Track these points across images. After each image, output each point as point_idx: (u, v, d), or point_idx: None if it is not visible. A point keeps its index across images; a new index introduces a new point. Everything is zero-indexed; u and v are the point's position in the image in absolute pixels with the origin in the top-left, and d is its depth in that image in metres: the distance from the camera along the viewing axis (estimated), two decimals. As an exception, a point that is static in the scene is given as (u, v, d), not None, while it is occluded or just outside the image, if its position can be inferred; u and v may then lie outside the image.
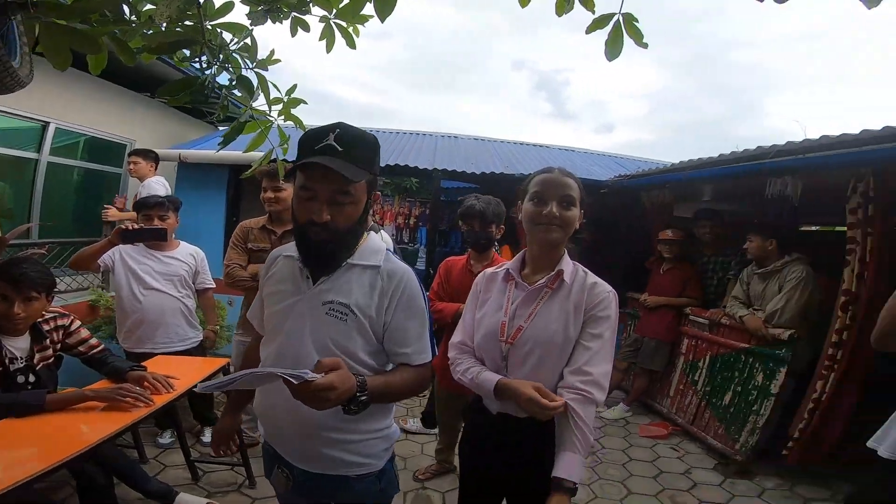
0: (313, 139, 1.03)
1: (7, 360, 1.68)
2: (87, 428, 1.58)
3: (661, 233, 3.70)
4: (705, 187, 3.75)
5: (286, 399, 0.88)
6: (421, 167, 4.67)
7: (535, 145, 7.21)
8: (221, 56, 1.42)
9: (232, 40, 1.44)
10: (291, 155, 1.21)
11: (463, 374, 1.30)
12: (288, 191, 2.41)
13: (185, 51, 1.45)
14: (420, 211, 5.43)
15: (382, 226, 5.03)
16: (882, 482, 1.39)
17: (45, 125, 3.95)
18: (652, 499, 2.65)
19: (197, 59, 1.40)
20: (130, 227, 2.23)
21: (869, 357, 2.46)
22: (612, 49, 1.25)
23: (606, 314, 1.20)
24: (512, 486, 1.31)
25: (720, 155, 3.34)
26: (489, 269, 1.41)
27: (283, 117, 1.60)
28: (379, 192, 1.19)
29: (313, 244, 1.05)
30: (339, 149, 0.99)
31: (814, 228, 4.78)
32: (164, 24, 1.23)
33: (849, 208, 2.50)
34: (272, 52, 1.54)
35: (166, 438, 2.79)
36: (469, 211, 2.41)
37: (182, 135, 5.50)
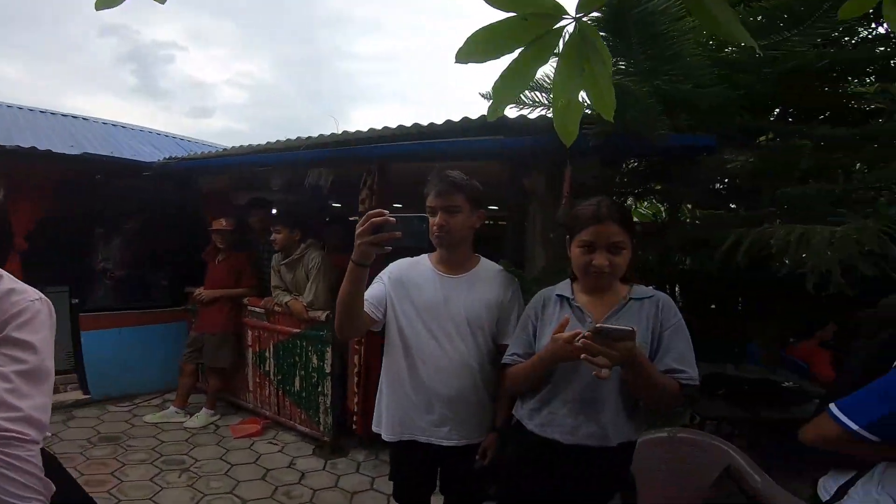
0: None
1: None
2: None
3: (216, 222, 3.41)
4: (270, 176, 3.69)
5: None
6: None
7: (64, 115, 5.45)
8: None
9: None
10: None
11: None
12: None
13: None
14: None
15: None
16: None
17: None
18: (269, 501, 2.47)
19: None
20: None
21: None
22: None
23: (26, 331, 0.87)
24: None
25: (267, 143, 3.34)
26: None
27: None
28: None
29: None
30: None
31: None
32: None
33: (360, 198, 2.90)
34: None
35: None
36: None
37: None
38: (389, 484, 1.80)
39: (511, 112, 2.30)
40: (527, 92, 2.19)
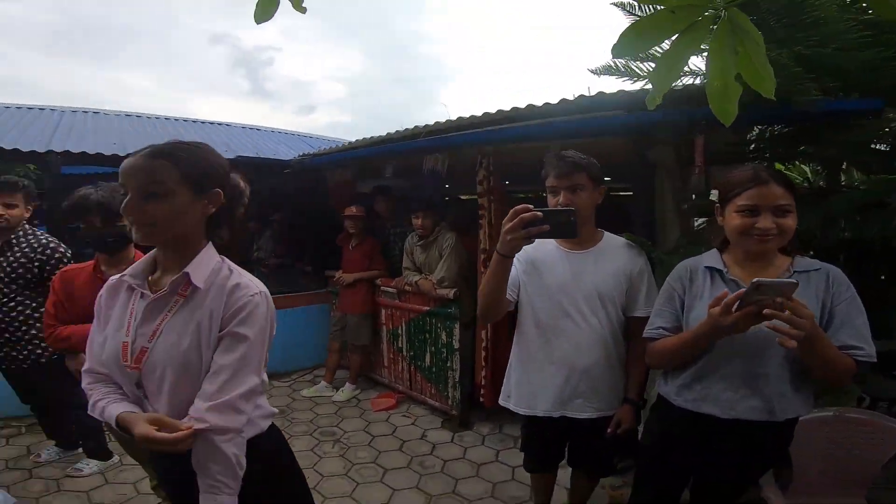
0: None
1: None
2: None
3: (347, 209, 3.74)
4: (386, 165, 3.96)
5: None
6: (24, 150, 3.34)
7: (212, 123, 6.33)
8: None
9: None
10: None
11: (93, 408, 1.07)
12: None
13: None
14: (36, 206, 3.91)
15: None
16: None
17: None
18: (406, 470, 2.70)
19: None
20: None
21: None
22: (263, 11, 1.02)
23: (246, 326, 0.99)
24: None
25: (388, 133, 3.55)
26: (113, 278, 1.12)
27: None
28: None
29: None
30: None
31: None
32: None
33: (477, 179, 2.97)
34: None
35: None
36: (83, 203, 1.80)
37: None
38: (513, 456, 1.90)
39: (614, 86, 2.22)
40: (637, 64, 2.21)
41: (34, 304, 2.35)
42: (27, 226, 2.39)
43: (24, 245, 2.33)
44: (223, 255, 1.09)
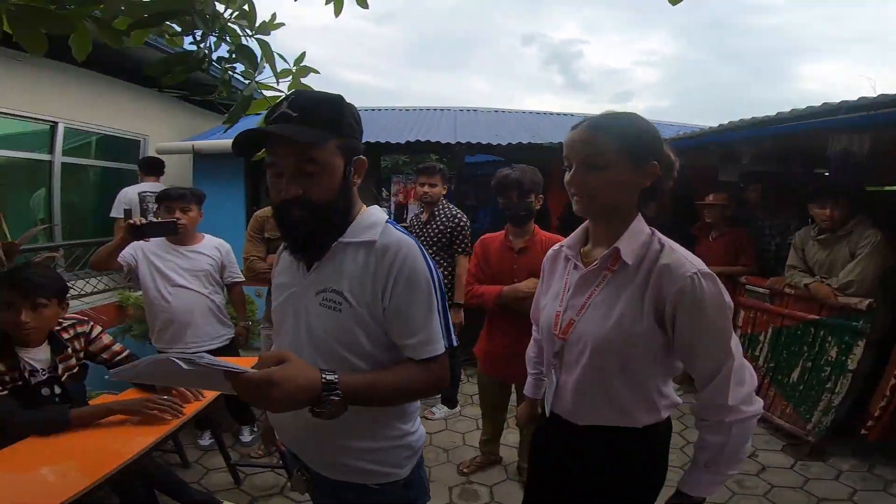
0: (269, 114, 0.93)
1: (27, 374, 1.56)
2: (124, 441, 1.48)
3: (707, 197, 3.45)
4: (744, 151, 3.45)
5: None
6: (443, 142, 4.44)
7: (559, 114, 6.91)
8: (216, 27, 1.27)
9: (226, 10, 1.29)
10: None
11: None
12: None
13: (176, 27, 1.31)
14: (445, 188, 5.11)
15: (406, 205, 4.85)
16: None
17: (54, 126, 3.83)
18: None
19: (190, 34, 1.27)
20: (139, 223, 2.06)
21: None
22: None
23: (697, 305, 0.90)
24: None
25: (778, 113, 3.05)
26: (554, 246, 1.21)
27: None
28: (364, 158, 1.00)
29: (290, 224, 0.93)
30: (294, 114, 0.88)
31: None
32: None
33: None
34: (274, 16, 1.37)
35: (206, 440, 2.71)
36: (504, 181, 2.22)
37: (196, 127, 5.35)
38: (875, 499, 1.41)
39: None
40: None
41: (444, 263, 3.05)
42: (444, 200, 3.12)
43: (442, 216, 3.07)
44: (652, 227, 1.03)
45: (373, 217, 0.99)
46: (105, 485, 1.30)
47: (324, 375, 0.79)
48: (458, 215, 3.06)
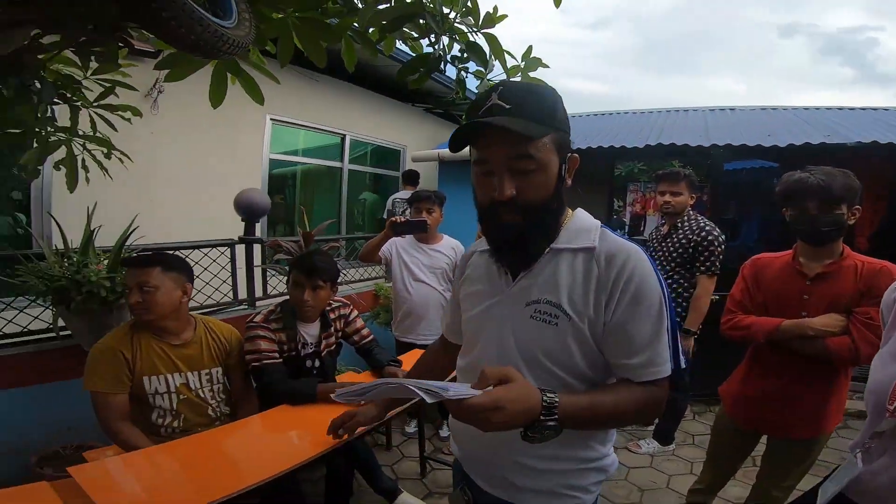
0: (476, 107, 0.83)
1: (300, 346, 1.89)
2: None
3: None
4: None
5: None
6: (692, 144, 3.84)
7: (854, 109, 5.25)
8: (445, 28, 1.32)
9: (450, 11, 1.31)
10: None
11: None
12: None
13: (412, 33, 1.41)
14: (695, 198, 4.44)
15: (644, 216, 4.40)
16: None
17: (343, 137, 4.82)
18: None
19: (426, 37, 1.35)
20: (399, 220, 2.35)
21: None
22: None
23: None
24: None
25: None
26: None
27: None
28: (577, 156, 0.88)
29: (499, 228, 0.84)
30: (506, 106, 0.78)
31: None
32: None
33: None
34: (496, 9, 1.32)
35: (412, 427, 2.92)
36: (799, 187, 1.70)
37: (442, 136, 6.02)
38: None
39: None
40: None
41: (684, 283, 2.60)
42: (691, 211, 2.64)
43: (686, 228, 2.60)
44: None
45: (585, 221, 0.89)
46: (322, 460, 1.44)
47: (545, 396, 0.70)
48: (707, 228, 2.58)
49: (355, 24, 1.29)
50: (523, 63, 1.44)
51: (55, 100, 1.31)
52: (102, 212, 2.05)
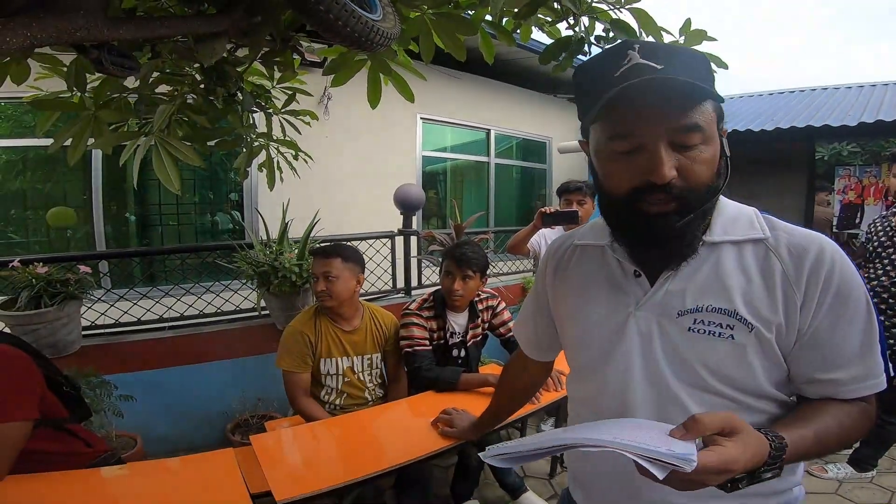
0: (602, 67, 0.64)
1: (448, 334, 1.95)
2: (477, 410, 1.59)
3: None
4: None
5: (616, 465, 0.61)
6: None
7: None
8: (582, 9, 1.22)
9: None
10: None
11: None
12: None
13: (548, 18, 1.33)
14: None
15: (861, 205, 3.58)
16: None
17: (488, 132, 4.88)
18: None
19: (564, 20, 1.26)
20: (549, 211, 2.29)
21: None
22: None
23: None
24: None
25: None
26: None
27: None
28: (726, 130, 0.64)
29: (650, 222, 0.64)
30: (658, 66, 0.60)
31: None
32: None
33: None
34: None
35: (548, 425, 2.80)
36: None
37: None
38: None
39: None
40: None
41: None
42: None
43: None
44: None
45: (736, 207, 0.72)
46: (461, 446, 1.47)
47: (773, 441, 0.56)
48: None
49: (489, 16, 1.28)
50: (682, 38, 1.25)
51: (253, 108, 1.53)
52: (291, 207, 2.40)
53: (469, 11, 1.31)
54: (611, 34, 1.30)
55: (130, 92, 1.27)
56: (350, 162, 3.88)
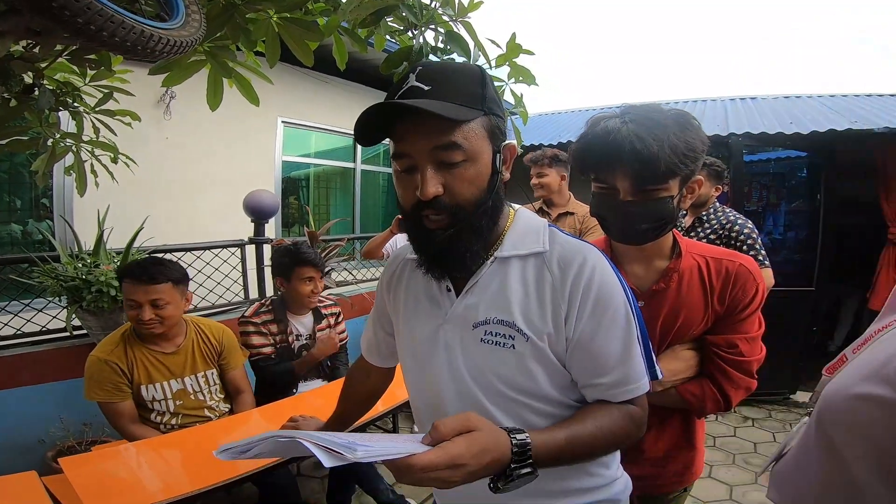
0: (394, 86, 0.70)
1: (294, 337, 1.97)
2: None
3: None
4: None
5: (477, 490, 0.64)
6: (710, 134, 3.71)
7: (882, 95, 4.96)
8: (425, 18, 1.29)
9: (431, 1, 1.30)
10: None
11: None
12: (551, 176, 2.17)
13: (398, 27, 1.40)
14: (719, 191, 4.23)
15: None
16: None
17: (354, 139, 4.86)
18: None
19: (409, 29, 1.32)
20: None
21: None
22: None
23: None
24: None
25: None
26: None
27: (512, 79, 1.35)
28: (514, 144, 0.72)
29: (427, 236, 0.69)
30: (425, 87, 0.65)
31: None
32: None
33: None
34: None
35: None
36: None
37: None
38: None
39: None
40: None
41: None
42: (717, 203, 2.53)
43: (713, 221, 2.50)
44: None
45: (531, 221, 0.76)
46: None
47: (514, 438, 0.60)
48: (735, 220, 2.44)
49: (344, 23, 1.30)
50: (506, 49, 1.40)
51: (52, 106, 1.36)
52: (120, 215, 2.14)
53: (322, 17, 1.31)
54: (447, 46, 1.37)
55: None
56: (197, 166, 3.56)
